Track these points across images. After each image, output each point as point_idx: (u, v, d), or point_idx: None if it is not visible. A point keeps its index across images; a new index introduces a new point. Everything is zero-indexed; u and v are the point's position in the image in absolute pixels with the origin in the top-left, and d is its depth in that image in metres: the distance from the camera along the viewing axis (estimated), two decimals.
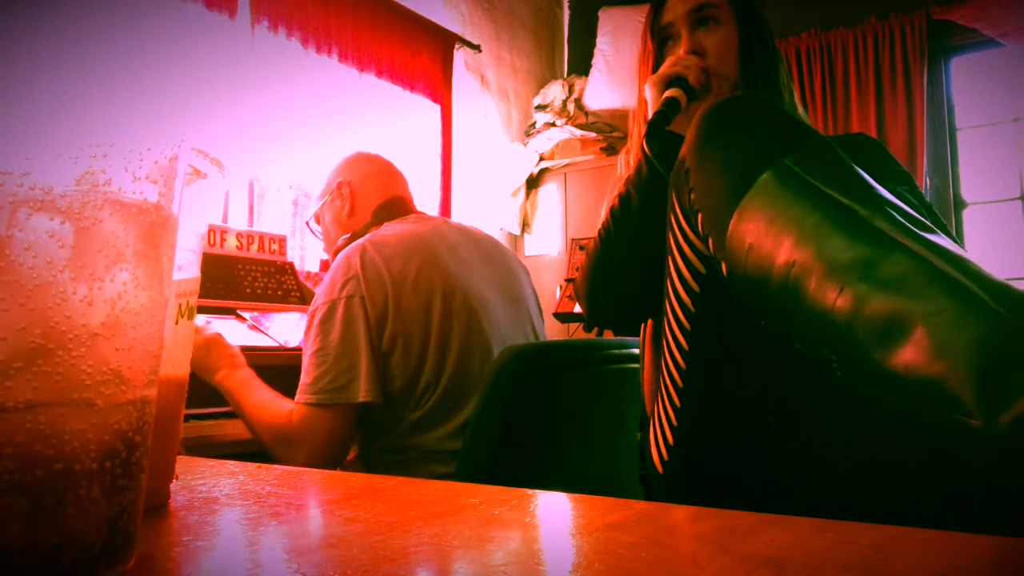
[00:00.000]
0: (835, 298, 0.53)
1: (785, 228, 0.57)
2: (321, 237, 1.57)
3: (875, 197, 0.58)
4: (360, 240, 1.29)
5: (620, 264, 0.94)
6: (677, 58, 0.97)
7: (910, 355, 0.49)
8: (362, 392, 1.17)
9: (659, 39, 1.05)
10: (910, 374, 0.49)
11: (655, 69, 1.03)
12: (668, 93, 0.92)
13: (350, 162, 1.53)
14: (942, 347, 0.48)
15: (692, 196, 0.67)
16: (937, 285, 0.50)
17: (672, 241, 0.73)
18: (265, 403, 1.24)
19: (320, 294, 1.25)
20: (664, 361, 0.76)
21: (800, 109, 1.05)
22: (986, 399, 0.45)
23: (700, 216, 0.66)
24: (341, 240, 1.46)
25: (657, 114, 0.90)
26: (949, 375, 0.47)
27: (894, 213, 0.56)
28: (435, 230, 1.36)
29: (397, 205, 1.46)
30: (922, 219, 0.56)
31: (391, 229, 1.35)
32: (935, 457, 0.62)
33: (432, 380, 1.23)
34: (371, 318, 1.20)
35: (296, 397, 1.21)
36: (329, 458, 1.20)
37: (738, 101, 0.69)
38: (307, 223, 1.58)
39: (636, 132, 1.10)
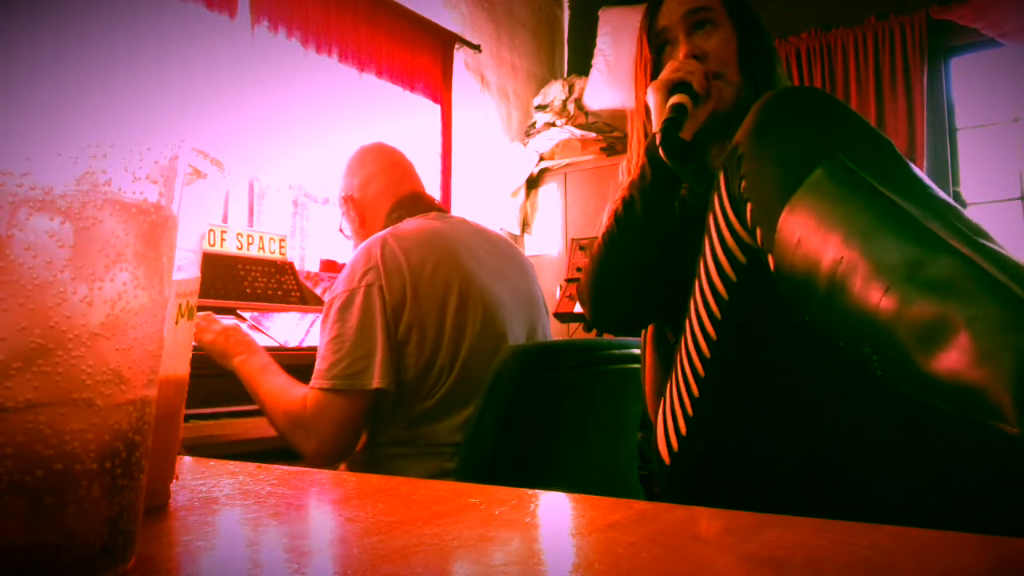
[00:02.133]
0: (880, 297, 0.53)
1: (835, 225, 0.57)
2: (350, 239, 1.60)
3: (929, 197, 0.57)
4: (382, 232, 1.31)
5: (624, 267, 0.94)
6: (679, 63, 0.97)
7: (952, 360, 0.48)
8: (376, 379, 1.19)
9: (656, 44, 1.05)
10: (950, 379, 0.48)
11: (654, 75, 1.03)
12: (675, 99, 0.92)
13: (351, 169, 1.52)
14: (984, 353, 0.47)
15: (743, 184, 0.66)
16: (985, 290, 0.49)
17: (713, 227, 0.72)
18: (280, 388, 1.26)
19: (340, 283, 1.26)
20: (685, 348, 0.75)
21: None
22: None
23: (749, 205, 0.65)
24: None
25: (668, 121, 0.89)
26: (989, 382, 0.46)
27: (948, 215, 0.55)
28: (454, 227, 1.38)
29: (412, 202, 1.45)
30: (976, 224, 0.56)
31: (412, 224, 1.36)
32: (958, 473, 0.62)
33: (444, 370, 1.25)
34: (388, 307, 1.22)
35: (311, 382, 1.22)
36: (341, 443, 1.22)
37: (798, 92, 0.68)
38: (340, 230, 1.59)
39: (635, 138, 1.10)
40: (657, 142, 0.89)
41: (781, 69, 1.04)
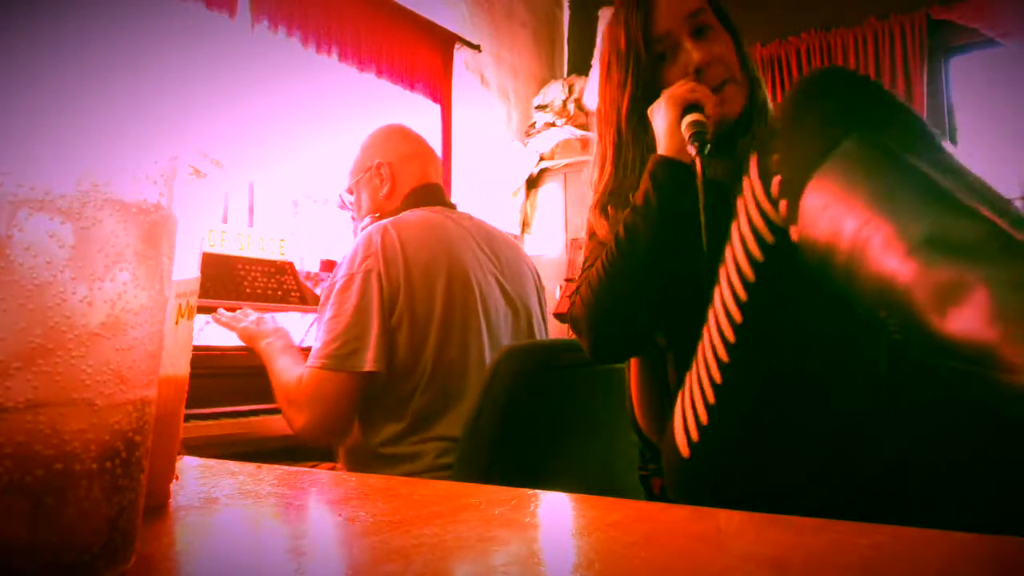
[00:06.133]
0: (901, 260, 0.54)
1: (859, 192, 0.58)
2: (352, 208, 1.61)
3: (956, 169, 0.58)
4: (384, 221, 1.35)
5: (627, 297, 0.90)
6: (695, 86, 0.94)
7: (966, 318, 0.49)
8: (368, 362, 1.22)
9: (654, 49, 1.00)
10: (964, 337, 0.49)
11: (647, 84, 1.00)
12: (694, 117, 0.89)
13: (390, 139, 1.54)
14: (1001, 312, 0.47)
15: (775, 158, 0.67)
16: (1008, 252, 0.50)
17: (742, 210, 0.71)
18: (286, 368, 1.32)
19: (340, 267, 1.31)
20: (708, 335, 0.74)
21: (772, 106, 1.04)
22: None
23: (777, 178, 0.66)
24: (367, 220, 1.51)
25: (698, 135, 0.87)
26: (1005, 340, 0.47)
27: (974, 185, 0.56)
28: (457, 224, 1.42)
29: (430, 193, 1.49)
30: (1003, 197, 0.57)
31: (416, 215, 1.40)
32: (994, 462, 0.62)
33: (428, 363, 1.27)
34: (385, 294, 1.26)
35: (308, 361, 1.26)
36: (330, 422, 1.25)
37: (833, 70, 0.69)
38: (340, 195, 1.63)
39: (603, 150, 1.06)
40: (694, 153, 0.86)
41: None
